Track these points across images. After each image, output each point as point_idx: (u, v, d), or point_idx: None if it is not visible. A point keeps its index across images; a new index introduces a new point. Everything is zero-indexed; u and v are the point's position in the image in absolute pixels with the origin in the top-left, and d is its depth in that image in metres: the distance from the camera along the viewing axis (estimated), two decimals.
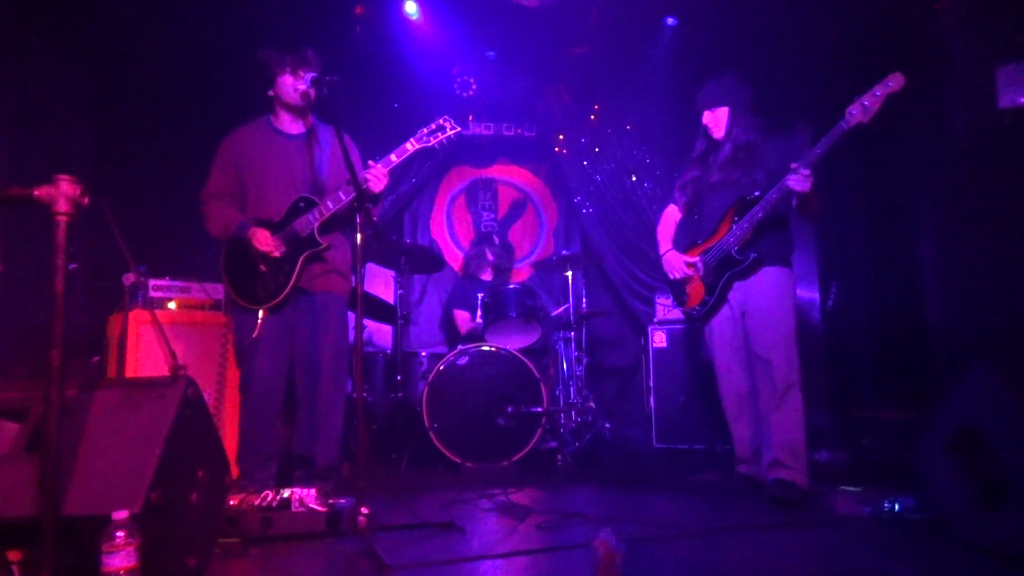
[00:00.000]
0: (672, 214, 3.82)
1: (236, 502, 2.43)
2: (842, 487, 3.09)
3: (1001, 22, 4.43)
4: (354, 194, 2.98)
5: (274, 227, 3.09)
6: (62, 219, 1.51)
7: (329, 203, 3.05)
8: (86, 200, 1.56)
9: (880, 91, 2.98)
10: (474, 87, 6.20)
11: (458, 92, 6.14)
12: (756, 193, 3.32)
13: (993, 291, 4.37)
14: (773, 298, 3.32)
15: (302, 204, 3.10)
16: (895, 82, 2.99)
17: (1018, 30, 4.40)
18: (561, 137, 6.36)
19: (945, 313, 4.87)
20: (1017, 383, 2.18)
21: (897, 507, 2.69)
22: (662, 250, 3.73)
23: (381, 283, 5.78)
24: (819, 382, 5.29)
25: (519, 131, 6.39)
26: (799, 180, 3.07)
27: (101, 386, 1.74)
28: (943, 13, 4.72)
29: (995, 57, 4.43)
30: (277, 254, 3.01)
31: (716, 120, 3.51)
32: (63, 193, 1.51)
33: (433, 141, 3.16)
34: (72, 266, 4.38)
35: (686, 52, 5.83)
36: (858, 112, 3.00)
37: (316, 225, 3.05)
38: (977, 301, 4.50)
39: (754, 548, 2.38)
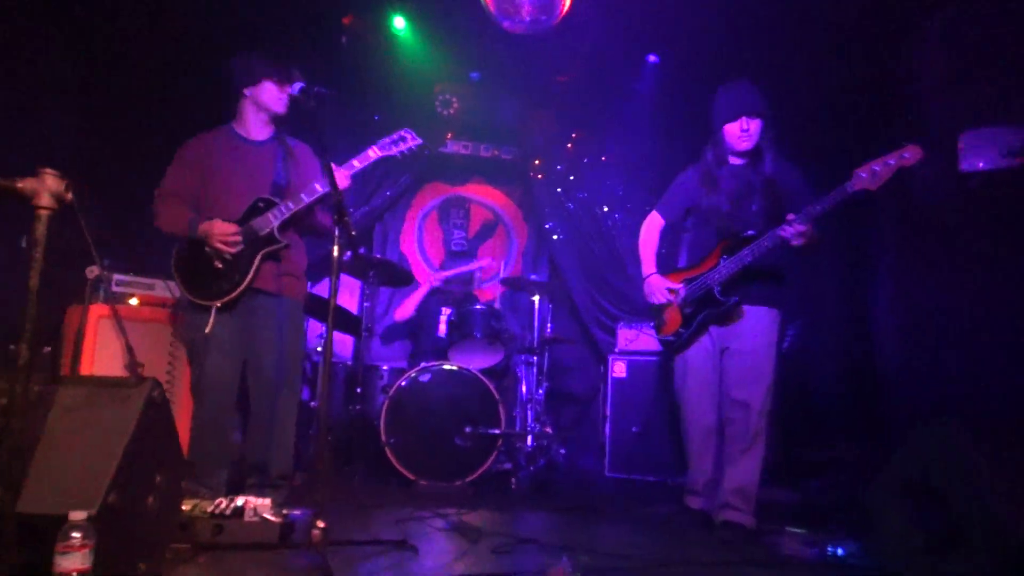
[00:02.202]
0: (656, 224, 3.63)
1: (189, 507, 2.40)
2: (788, 528, 3.14)
3: (972, 89, 4.61)
4: (316, 195, 3.03)
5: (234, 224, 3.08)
6: (44, 213, 1.50)
7: (290, 203, 3.07)
8: (69, 196, 1.55)
9: (894, 160, 2.87)
10: (455, 106, 6.24)
11: (439, 110, 6.17)
12: (750, 232, 3.20)
13: (948, 341, 4.50)
14: (757, 342, 3.22)
15: (261, 204, 3.10)
16: (912, 155, 2.86)
17: (982, 96, 4.58)
18: (537, 162, 6.41)
19: (899, 360, 4.99)
20: (974, 441, 2.26)
21: (840, 552, 2.75)
22: (645, 271, 3.56)
23: (346, 292, 5.76)
24: (770, 420, 5.38)
25: (496, 153, 6.43)
26: (794, 235, 3.01)
27: (65, 382, 1.72)
28: (921, 77, 4.89)
29: (966, 122, 4.60)
30: (233, 245, 2.99)
31: (751, 132, 3.24)
32: (47, 187, 1.50)
33: (395, 150, 3.20)
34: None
35: (668, 90, 5.93)
36: (867, 177, 2.90)
37: (276, 224, 3.06)
38: (931, 351, 4.63)
39: None
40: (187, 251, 3.10)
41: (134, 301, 3.90)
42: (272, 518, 2.43)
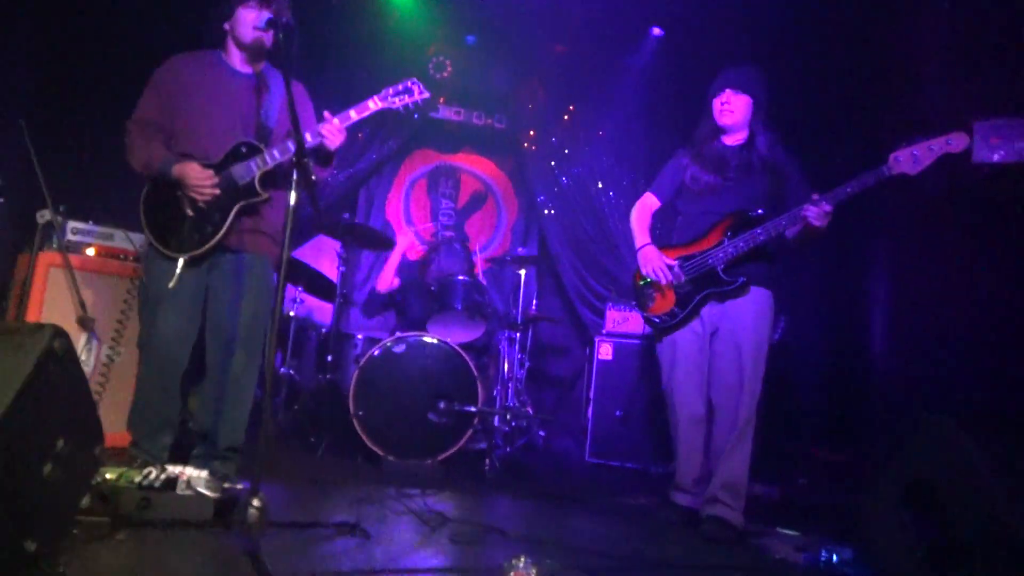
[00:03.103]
0: (650, 204, 3.45)
1: (114, 476, 2.15)
2: (778, 529, 2.93)
3: (979, 79, 4.41)
4: (307, 146, 2.71)
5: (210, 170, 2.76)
6: None
7: (276, 152, 2.74)
8: None
9: (938, 146, 2.68)
10: (449, 69, 5.98)
11: (432, 72, 5.92)
12: (759, 212, 3.04)
13: (941, 339, 4.32)
14: (753, 323, 3.05)
15: (244, 149, 2.76)
16: (958, 142, 2.67)
17: (998, 86, 4.37)
18: (532, 133, 6.18)
19: (892, 357, 4.82)
20: (977, 438, 2.04)
21: (835, 558, 2.54)
22: (638, 243, 3.36)
23: (328, 259, 5.49)
24: (758, 414, 5.23)
25: (489, 121, 6.19)
26: (818, 215, 2.82)
27: None
28: (926, 66, 4.68)
29: (972, 112, 4.40)
30: (209, 189, 2.69)
31: (732, 106, 3.14)
32: None
33: (399, 103, 2.89)
34: None
35: (668, 66, 5.73)
36: (906, 161, 2.70)
37: (257, 174, 2.74)
38: (924, 348, 4.45)
39: None
40: (156, 194, 2.79)
41: (91, 251, 3.63)
42: (208, 492, 2.18)
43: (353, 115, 2.83)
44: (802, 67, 5.05)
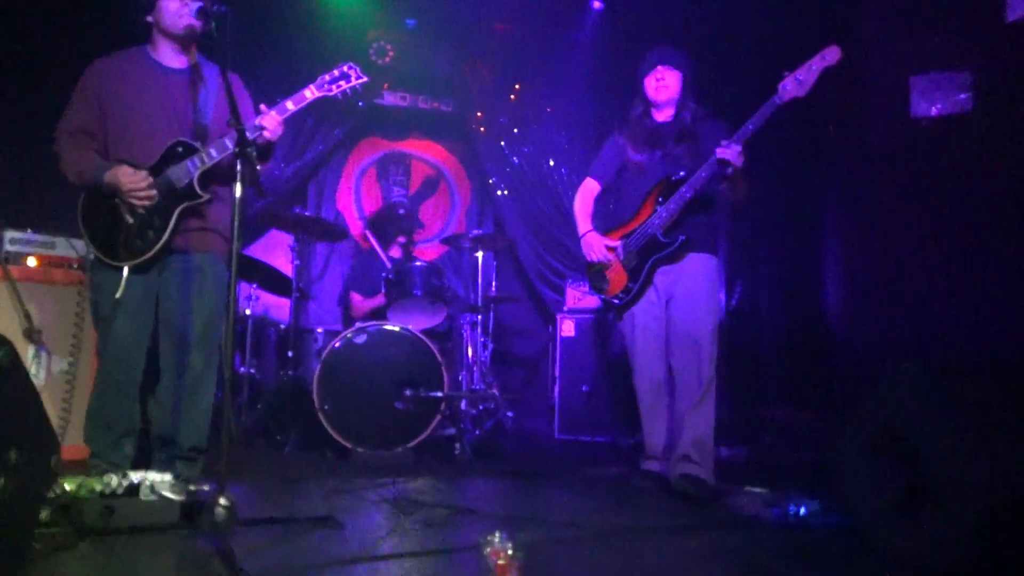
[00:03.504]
0: (590, 189, 3.55)
1: (73, 487, 2.09)
2: (747, 487, 2.97)
3: (919, 33, 4.49)
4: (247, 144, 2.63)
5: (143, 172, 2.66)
6: None
7: (212, 151, 2.65)
8: None
9: (816, 64, 2.88)
10: (391, 54, 5.89)
11: (373, 58, 5.82)
12: (681, 174, 3.14)
13: (896, 293, 4.43)
14: (703, 286, 3.17)
15: (180, 149, 2.67)
16: (831, 55, 2.88)
17: (934, 41, 4.46)
18: (479, 115, 6.12)
19: (848, 315, 4.92)
20: (946, 385, 2.09)
21: (803, 511, 2.59)
22: (581, 230, 3.47)
23: (282, 255, 5.38)
24: (721, 379, 5.31)
25: (436, 105, 6.11)
26: (731, 153, 2.93)
27: None
28: (864, 23, 4.75)
29: (911, 67, 4.49)
30: (144, 193, 2.60)
31: (666, 81, 3.25)
32: None
33: (335, 89, 2.82)
34: None
35: (611, 38, 5.72)
36: (792, 87, 2.89)
37: (196, 174, 2.65)
38: (880, 303, 4.55)
39: (662, 552, 2.21)
40: (94, 202, 2.69)
41: (32, 261, 3.50)
42: (172, 496, 2.13)
43: (290, 106, 2.76)
44: (740, 27, 5.10)
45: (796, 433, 4.64)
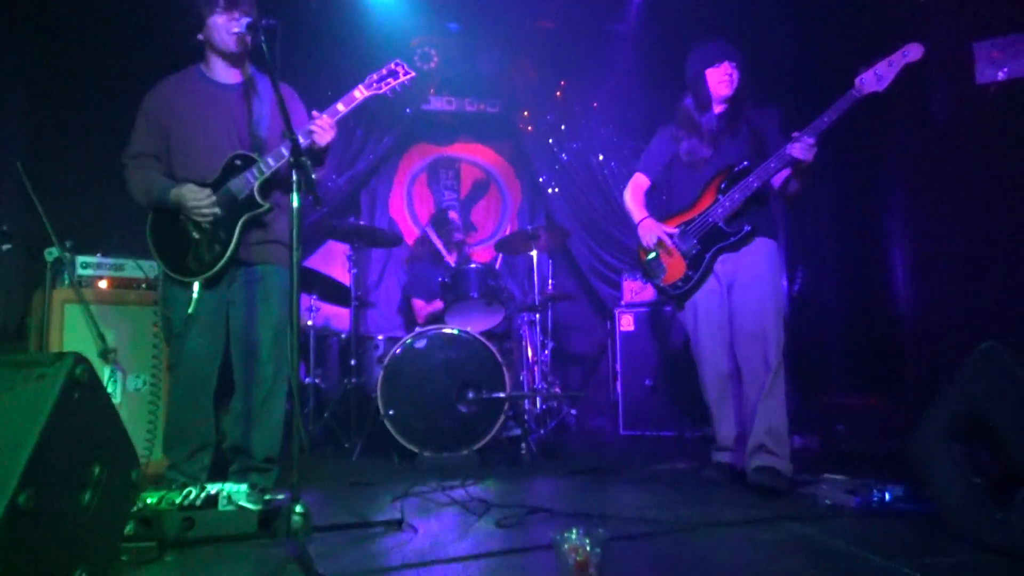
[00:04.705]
0: (640, 184, 3.50)
1: (155, 500, 2.14)
2: (826, 475, 2.88)
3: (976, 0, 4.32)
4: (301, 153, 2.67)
5: (205, 188, 2.73)
6: None
7: (270, 160, 2.70)
8: None
9: (897, 61, 2.81)
10: (435, 59, 5.92)
11: (418, 64, 5.85)
12: (745, 164, 3.09)
13: (967, 272, 4.25)
14: (765, 271, 3.11)
15: (239, 162, 2.74)
16: (913, 52, 2.80)
17: (995, 6, 4.28)
18: (526, 114, 6.11)
19: (916, 297, 4.75)
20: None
21: (888, 496, 2.49)
22: (637, 218, 3.42)
23: (340, 265, 5.47)
24: (787, 367, 5.20)
25: (482, 107, 6.12)
26: (803, 149, 2.88)
27: None
28: None
29: (972, 34, 4.32)
30: (208, 209, 2.67)
31: (732, 77, 3.18)
32: None
33: (385, 87, 2.84)
34: (5, 246, 4.07)
35: (654, 28, 5.64)
36: (871, 80, 2.83)
37: (255, 184, 2.71)
38: (950, 283, 4.38)
39: (738, 545, 2.16)
40: (161, 221, 2.78)
41: (103, 284, 3.62)
42: (250, 506, 2.16)
43: (341, 108, 2.79)
44: (787, 10, 4.97)
45: (868, 420, 4.50)
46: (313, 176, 2.21)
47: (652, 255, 3.34)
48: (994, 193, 4.14)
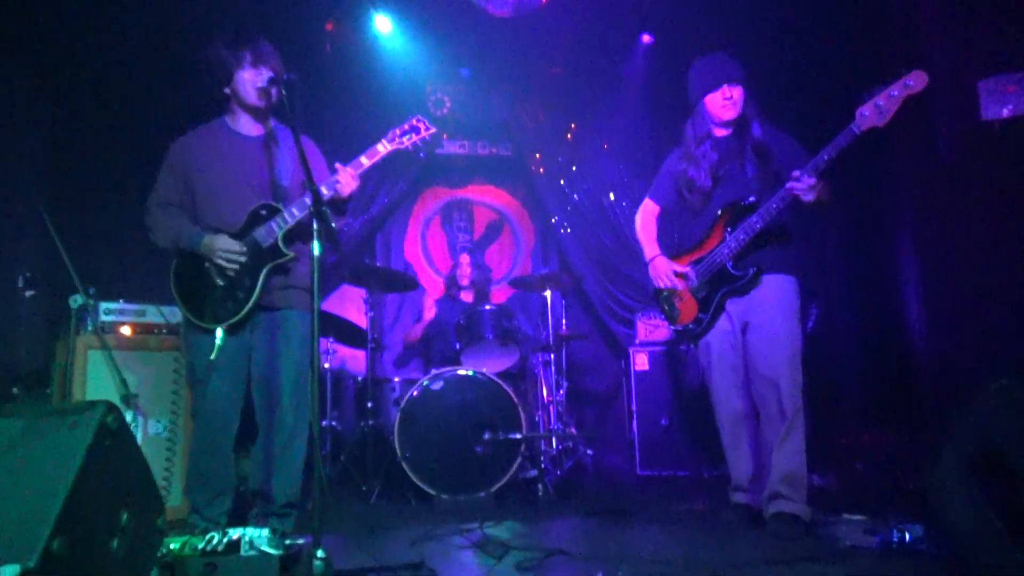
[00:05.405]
0: (650, 210, 3.45)
1: (178, 545, 2.16)
2: (844, 515, 2.86)
3: (981, 35, 4.38)
4: (324, 199, 2.73)
5: (231, 237, 2.79)
6: None
7: (294, 209, 2.77)
8: None
9: (898, 91, 2.66)
10: (448, 105, 6.05)
11: (432, 110, 5.98)
12: (751, 200, 3.00)
13: (980, 306, 4.24)
14: (778, 312, 3.01)
15: (263, 212, 2.81)
16: (916, 81, 2.65)
17: (998, 43, 4.34)
18: (538, 156, 6.20)
19: (930, 332, 4.73)
20: None
21: (908, 537, 2.48)
22: (648, 255, 3.34)
23: (355, 307, 5.53)
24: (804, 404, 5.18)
25: (494, 150, 6.23)
26: (804, 189, 2.78)
27: (1, 415, 1.49)
28: (926, 26, 4.66)
29: (976, 70, 4.37)
30: (238, 260, 2.74)
31: (734, 99, 3.05)
32: None
33: (407, 143, 2.91)
34: (28, 292, 4.15)
35: (661, 71, 5.74)
36: (871, 114, 2.69)
37: (279, 234, 2.77)
38: (963, 318, 4.37)
39: None
40: (185, 268, 2.84)
41: (125, 330, 3.68)
42: (271, 550, 2.18)
43: (364, 161, 2.86)
44: (797, 36, 5.04)
45: (886, 457, 4.46)
46: (333, 225, 2.27)
47: (665, 294, 3.31)
48: (1004, 228, 4.15)
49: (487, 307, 4.40)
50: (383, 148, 2.89)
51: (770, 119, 3.22)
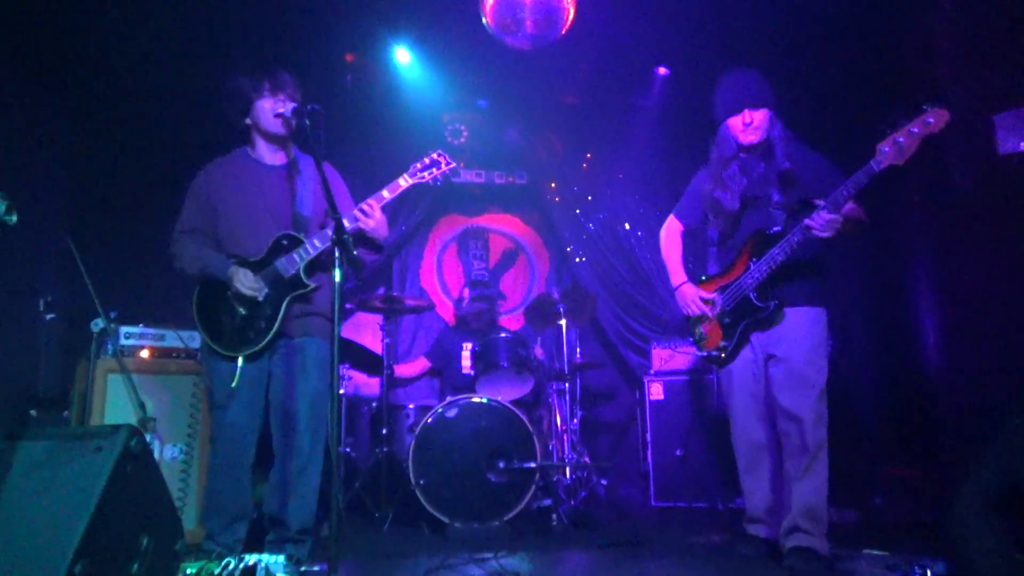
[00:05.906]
0: (675, 228, 3.41)
1: (195, 571, 2.17)
2: (865, 551, 2.82)
3: (997, 70, 4.39)
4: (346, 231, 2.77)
5: (253, 266, 2.84)
6: None
7: (316, 241, 2.81)
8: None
9: (918, 128, 2.60)
10: (465, 135, 6.12)
11: (449, 139, 6.06)
12: (776, 229, 2.97)
13: (999, 343, 4.21)
14: (802, 346, 2.94)
15: (285, 242, 2.85)
16: (937, 119, 2.58)
17: (1015, 77, 4.35)
18: (553, 185, 6.26)
19: (948, 366, 4.69)
20: None
21: (929, 573, 2.44)
22: (675, 282, 3.31)
23: (370, 334, 5.55)
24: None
25: (510, 179, 6.28)
26: (823, 226, 2.73)
27: (27, 437, 1.51)
28: (940, 61, 4.69)
29: (991, 104, 4.38)
30: (261, 298, 2.78)
31: (756, 123, 3.01)
32: None
33: (428, 177, 2.96)
34: (49, 316, 4.20)
35: (677, 102, 5.79)
36: (891, 152, 2.63)
37: (301, 265, 2.81)
38: (982, 352, 4.33)
39: None
40: (207, 295, 2.88)
41: (144, 354, 3.72)
42: None
43: (386, 195, 2.90)
44: (812, 72, 5.06)
45: (905, 492, 4.41)
46: (365, 259, 2.28)
47: (694, 320, 3.27)
48: (1021, 261, 4.13)
49: (503, 335, 4.41)
50: (404, 182, 2.93)
51: (800, 136, 3.14)
